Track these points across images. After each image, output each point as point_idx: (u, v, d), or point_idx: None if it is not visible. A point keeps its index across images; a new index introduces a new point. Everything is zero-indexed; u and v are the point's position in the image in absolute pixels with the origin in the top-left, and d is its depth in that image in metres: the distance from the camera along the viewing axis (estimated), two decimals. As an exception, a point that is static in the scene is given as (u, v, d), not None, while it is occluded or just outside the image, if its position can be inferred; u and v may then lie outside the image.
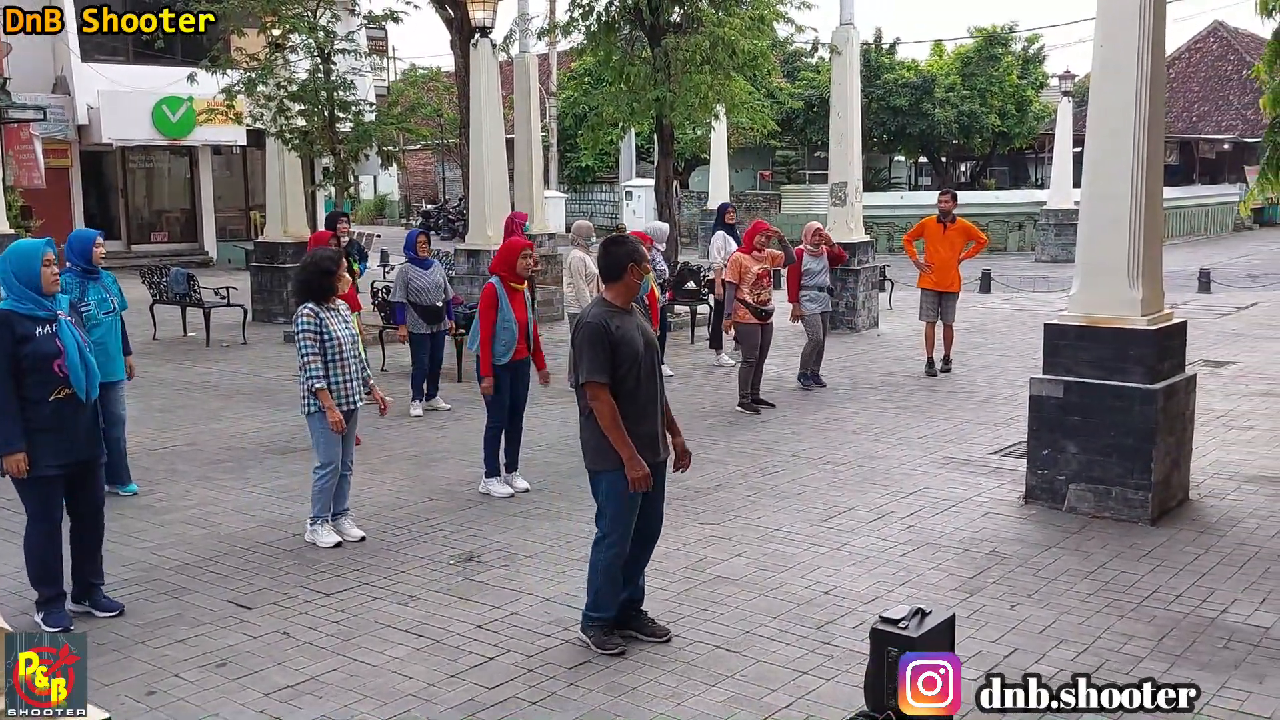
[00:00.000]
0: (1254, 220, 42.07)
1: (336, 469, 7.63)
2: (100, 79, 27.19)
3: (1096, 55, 8.03)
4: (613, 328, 5.69)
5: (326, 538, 7.63)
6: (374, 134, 19.19)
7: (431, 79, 23.14)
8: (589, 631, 5.95)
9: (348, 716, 5.23)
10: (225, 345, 16.84)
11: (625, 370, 5.72)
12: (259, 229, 26.31)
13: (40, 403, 6.03)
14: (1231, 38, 47.03)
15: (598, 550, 5.89)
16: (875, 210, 31.59)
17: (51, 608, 6.28)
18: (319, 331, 7.41)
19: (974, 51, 41.63)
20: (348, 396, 7.56)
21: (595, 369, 5.66)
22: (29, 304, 6.04)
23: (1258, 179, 11.23)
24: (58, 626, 6.16)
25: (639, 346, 5.77)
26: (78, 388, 6.09)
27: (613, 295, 5.88)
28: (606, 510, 5.84)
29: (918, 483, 9.08)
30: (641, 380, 5.78)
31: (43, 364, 6.01)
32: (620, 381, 5.72)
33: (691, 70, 17.45)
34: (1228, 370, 13.77)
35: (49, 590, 6.29)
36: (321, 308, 7.48)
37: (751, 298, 11.63)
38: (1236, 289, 22.34)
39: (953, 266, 13.54)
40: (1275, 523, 7.97)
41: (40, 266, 6.05)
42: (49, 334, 6.05)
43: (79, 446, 6.20)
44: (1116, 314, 8.00)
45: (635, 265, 5.84)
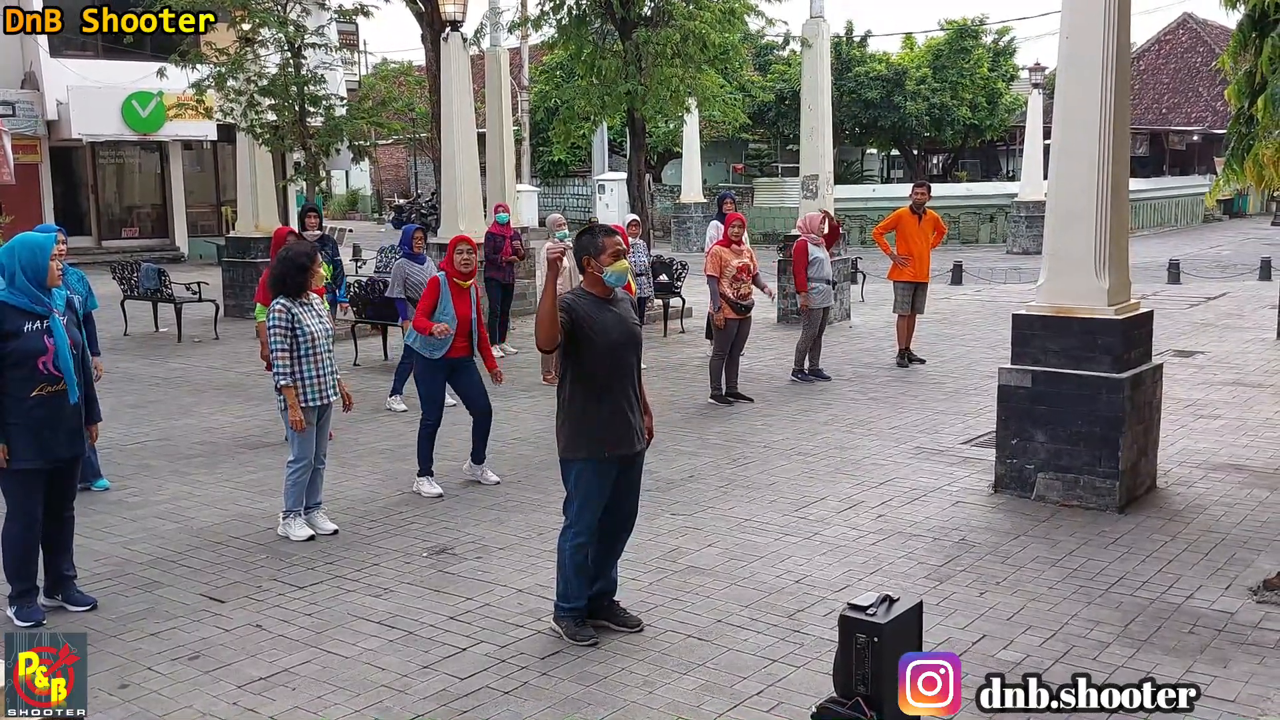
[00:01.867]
0: (1223, 211, 42.42)
1: (309, 464, 7.63)
2: (69, 74, 26.99)
3: (1062, 48, 8.11)
4: (578, 310, 5.68)
5: (299, 531, 7.63)
6: (345, 128, 19.13)
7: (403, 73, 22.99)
8: (561, 622, 5.98)
9: (321, 708, 5.24)
10: (197, 340, 16.77)
11: (596, 359, 5.72)
12: (230, 224, 26.17)
13: (22, 399, 5.99)
14: (1200, 29, 47.41)
15: (563, 539, 5.93)
16: (847, 203, 31.71)
17: (24, 602, 6.26)
18: (290, 327, 7.38)
19: (945, 44, 41.78)
20: (321, 391, 7.54)
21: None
22: (26, 298, 6.00)
23: (1223, 170, 11.31)
24: (30, 621, 6.16)
25: (613, 337, 5.75)
26: (70, 386, 6.06)
27: (588, 284, 5.89)
28: (574, 499, 5.89)
29: (888, 473, 9.15)
30: (613, 371, 5.78)
31: (27, 360, 5.97)
32: (591, 370, 5.73)
33: (663, 63, 17.48)
34: (1196, 360, 13.90)
35: (21, 584, 6.26)
36: (295, 302, 7.45)
37: (731, 292, 11.61)
38: (1206, 279, 22.54)
39: (927, 257, 13.71)
40: (1241, 510, 8.08)
41: (48, 260, 6.02)
42: (38, 330, 6.01)
43: (61, 444, 6.16)
44: (1083, 304, 8.08)
45: (590, 257, 5.82)
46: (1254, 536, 7.48)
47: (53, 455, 6.14)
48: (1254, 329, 16.27)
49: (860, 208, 34.55)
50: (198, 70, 18.43)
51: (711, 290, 11.70)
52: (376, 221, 49.26)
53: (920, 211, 13.62)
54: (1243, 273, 23.42)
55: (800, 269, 12.59)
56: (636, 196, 19.10)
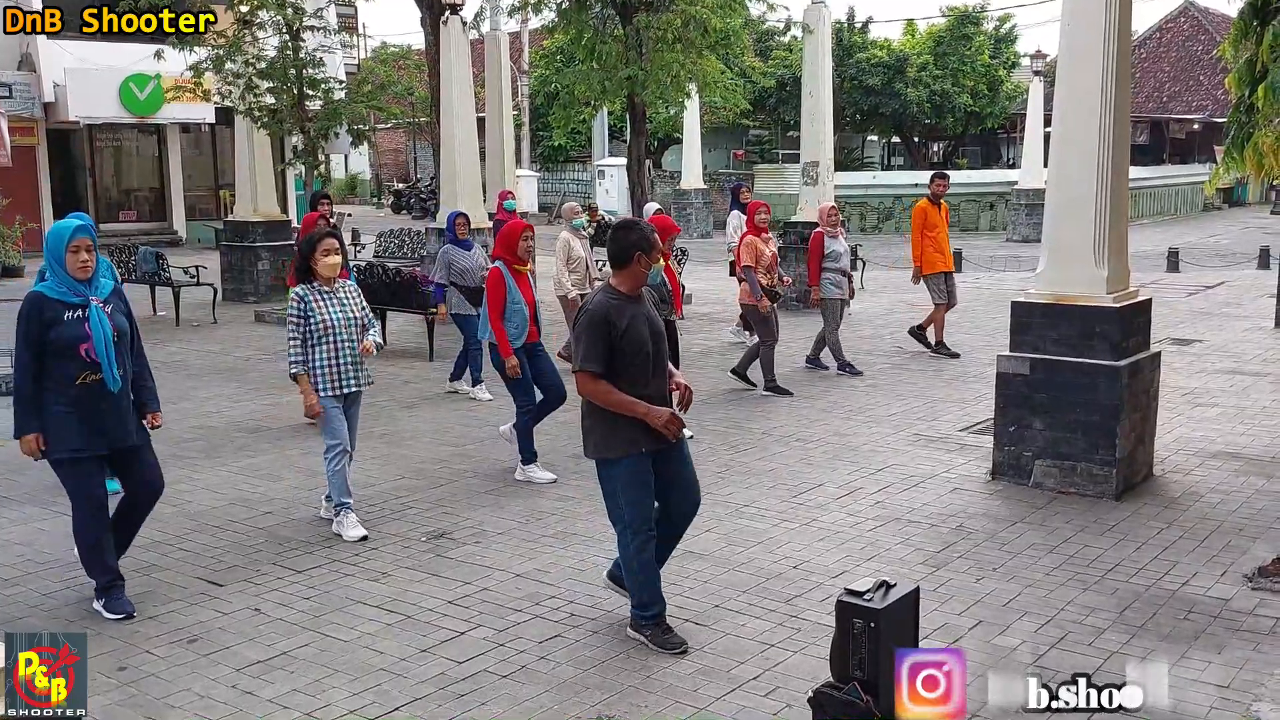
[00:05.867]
0: (1223, 200, 42.38)
1: (344, 448, 7.39)
2: (66, 56, 26.87)
3: (1063, 35, 8.09)
4: (615, 318, 5.53)
5: (352, 531, 7.37)
6: (344, 112, 19.09)
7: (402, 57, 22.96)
8: (645, 630, 5.73)
9: (319, 691, 5.26)
10: (195, 325, 16.77)
11: (629, 362, 5.56)
12: (228, 208, 26.12)
13: (67, 386, 5.97)
14: (1202, 17, 47.25)
15: (624, 544, 5.70)
16: (847, 190, 31.66)
17: (110, 595, 6.17)
18: (303, 315, 7.24)
19: (946, 31, 41.71)
20: (334, 380, 7.31)
21: (589, 358, 5.50)
22: (62, 288, 5.99)
23: (1223, 159, 11.30)
24: (120, 613, 6.10)
25: (645, 338, 5.60)
26: (106, 375, 6.02)
27: (619, 282, 5.68)
28: (620, 500, 5.65)
29: (886, 459, 9.16)
30: (645, 371, 5.62)
31: (68, 348, 5.95)
32: (623, 372, 5.56)
33: (663, 48, 17.44)
34: (1194, 348, 13.91)
35: (101, 577, 6.19)
36: (314, 289, 7.31)
37: (765, 280, 11.54)
38: (1205, 268, 22.53)
39: (948, 247, 13.96)
40: (1237, 497, 8.09)
41: (64, 251, 5.96)
42: (77, 319, 5.97)
43: (107, 432, 6.08)
44: (1082, 292, 8.08)
45: (643, 254, 5.62)
46: (1250, 524, 7.50)
47: (102, 443, 6.08)
48: (1252, 318, 16.28)
49: (861, 195, 34.51)
50: (195, 53, 18.37)
51: (750, 281, 11.48)
52: (376, 206, 49.23)
53: (938, 202, 13.85)
54: (1242, 261, 23.41)
55: (813, 261, 12.57)
56: (637, 182, 19.08)
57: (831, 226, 12.68)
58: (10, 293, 18.37)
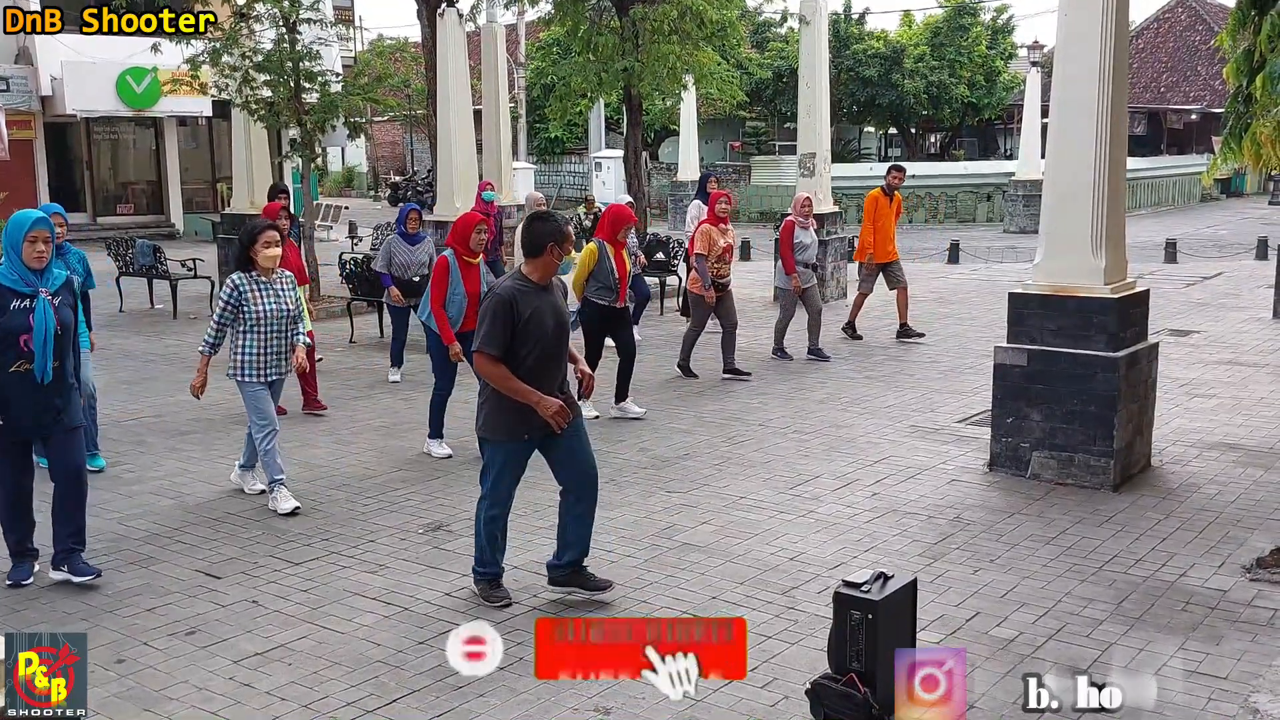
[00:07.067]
0: (1220, 191, 42.34)
1: (273, 427, 7.72)
2: (63, 49, 26.77)
3: (1060, 26, 8.09)
4: (521, 304, 5.76)
5: (285, 504, 7.67)
6: (340, 105, 19.02)
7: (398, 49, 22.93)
8: (478, 584, 6.22)
9: (317, 683, 5.26)
10: (192, 317, 16.73)
11: (529, 348, 5.81)
12: (225, 201, 26.09)
13: (3, 372, 6.05)
14: (1199, 7, 47.18)
15: (479, 509, 6.14)
16: (844, 181, 31.57)
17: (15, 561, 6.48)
18: (234, 303, 7.56)
19: (943, 22, 41.68)
20: (261, 369, 7.67)
21: (488, 340, 5.77)
22: (14, 275, 6.07)
23: (1220, 150, 11.31)
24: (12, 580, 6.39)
25: (547, 326, 5.85)
26: (37, 366, 6.09)
27: (529, 270, 5.92)
28: (489, 475, 6.08)
29: (884, 451, 9.16)
30: (545, 359, 5.87)
31: (8, 336, 6.02)
32: (521, 358, 5.80)
33: (659, 40, 17.41)
34: (1191, 339, 13.91)
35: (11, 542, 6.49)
36: (249, 279, 7.59)
37: (715, 271, 11.62)
38: (1202, 259, 22.52)
39: (893, 237, 14.20)
40: (1235, 488, 8.10)
41: (21, 240, 6.04)
42: (24, 309, 6.05)
43: (24, 422, 6.20)
44: (1080, 283, 8.07)
45: (555, 245, 5.86)
46: (1248, 515, 7.51)
47: (17, 431, 6.23)
48: (1250, 308, 16.27)
49: (858, 186, 34.27)
50: (193, 46, 18.30)
51: (700, 269, 11.65)
52: (373, 199, 49.12)
53: (891, 194, 14.09)
54: (1239, 252, 23.39)
55: (786, 251, 12.60)
56: (633, 174, 19.05)
57: (804, 217, 12.72)
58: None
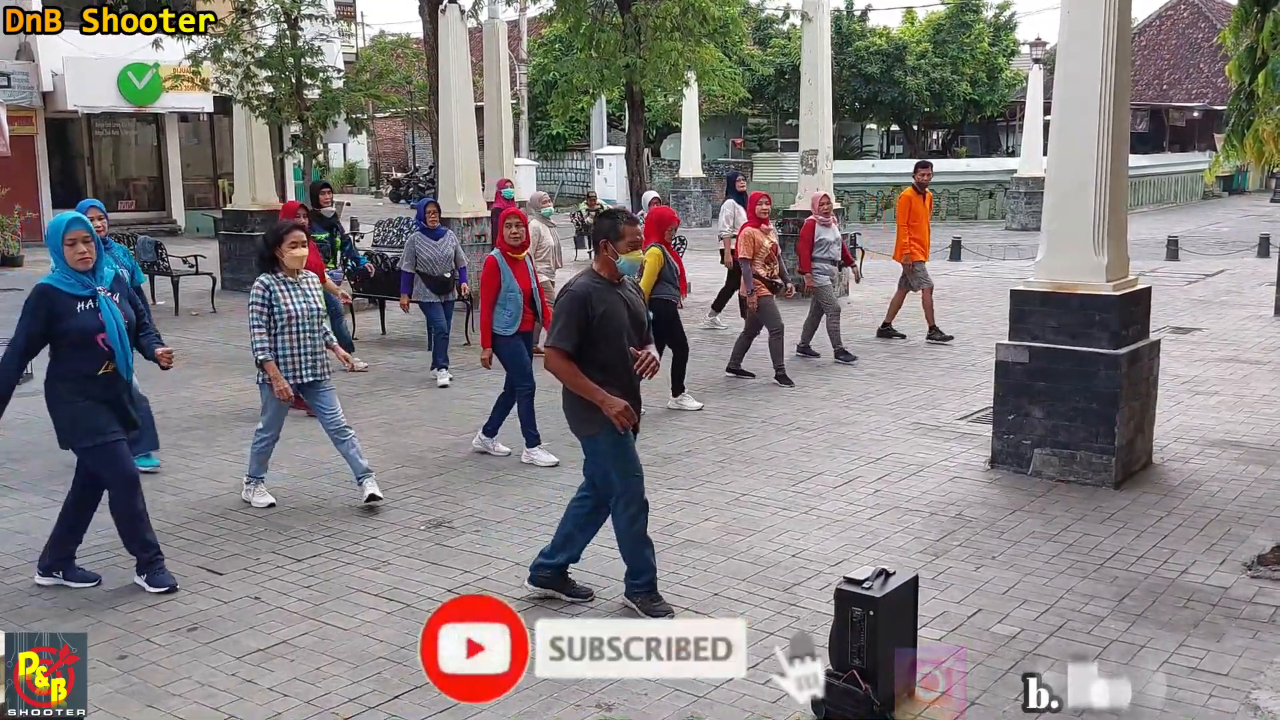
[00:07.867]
0: (1223, 188, 42.32)
1: (276, 436, 7.78)
2: (65, 45, 26.73)
3: (1063, 23, 8.08)
4: (595, 301, 5.69)
5: (260, 499, 7.78)
6: (342, 101, 19.05)
7: (400, 46, 22.88)
8: (635, 598, 5.93)
9: (319, 679, 5.26)
10: (194, 314, 16.75)
11: (605, 345, 5.72)
12: (227, 197, 26.07)
13: (93, 376, 6.05)
14: (1202, 4, 47.13)
15: (618, 515, 5.85)
16: (846, 179, 31.58)
17: (151, 569, 6.30)
18: (266, 304, 7.44)
19: (945, 18, 41.66)
20: (294, 370, 7.52)
21: (561, 336, 5.68)
22: (69, 279, 6.01)
23: (1222, 147, 11.30)
24: (161, 587, 6.24)
25: (623, 322, 5.78)
26: (119, 363, 6.10)
27: (599, 267, 5.89)
28: (610, 471, 5.81)
29: (886, 448, 9.16)
30: (620, 356, 5.77)
31: (87, 339, 6.00)
32: (598, 354, 5.71)
33: (662, 37, 17.41)
34: (1193, 337, 13.91)
35: (142, 553, 6.31)
36: (276, 279, 7.49)
37: (765, 272, 11.53)
38: (1204, 256, 22.51)
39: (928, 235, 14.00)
40: (1236, 486, 8.10)
41: (60, 244, 5.97)
42: (90, 309, 6.02)
43: (124, 418, 6.22)
44: (1081, 280, 8.07)
45: (608, 242, 5.82)
46: (1249, 512, 7.51)
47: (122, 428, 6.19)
48: (1252, 306, 16.28)
49: (860, 184, 34.43)
50: (194, 42, 18.31)
51: (745, 273, 11.49)
52: (374, 195, 49.14)
53: (923, 191, 13.82)
54: (1241, 250, 23.39)
55: (804, 249, 12.57)
56: (635, 171, 19.05)
57: (824, 215, 12.69)
58: (9, 282, 18.37)
